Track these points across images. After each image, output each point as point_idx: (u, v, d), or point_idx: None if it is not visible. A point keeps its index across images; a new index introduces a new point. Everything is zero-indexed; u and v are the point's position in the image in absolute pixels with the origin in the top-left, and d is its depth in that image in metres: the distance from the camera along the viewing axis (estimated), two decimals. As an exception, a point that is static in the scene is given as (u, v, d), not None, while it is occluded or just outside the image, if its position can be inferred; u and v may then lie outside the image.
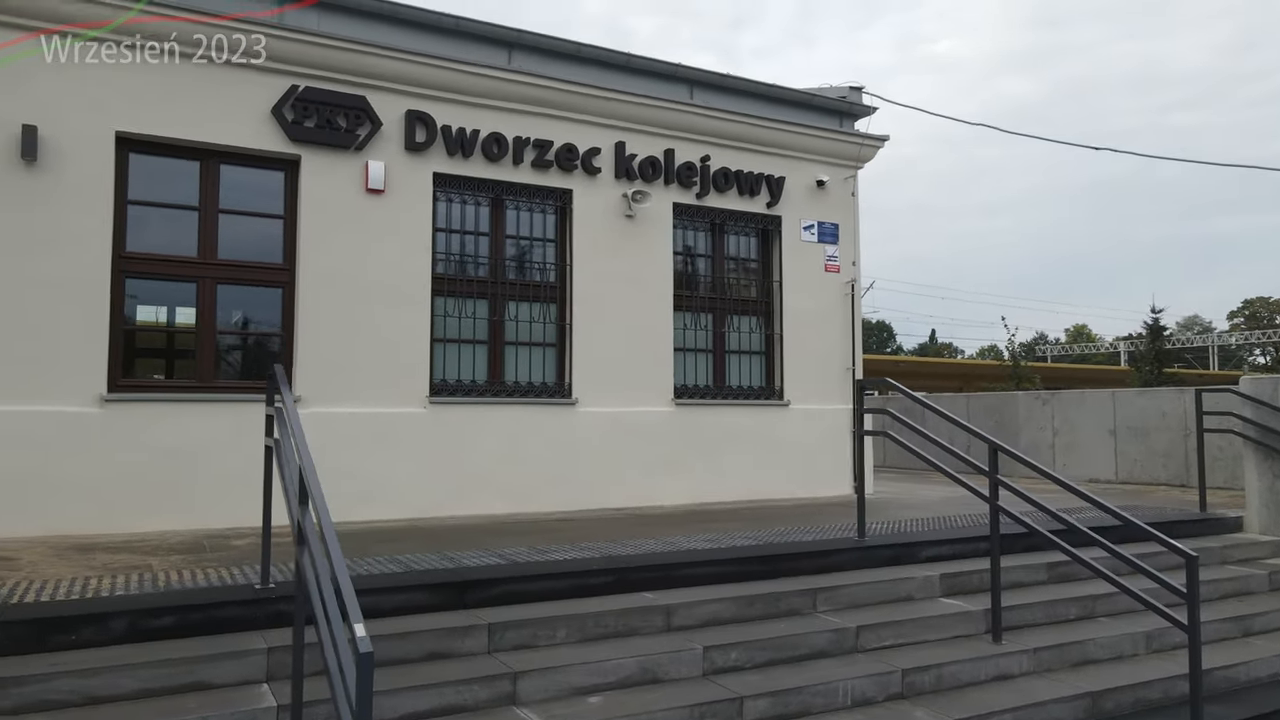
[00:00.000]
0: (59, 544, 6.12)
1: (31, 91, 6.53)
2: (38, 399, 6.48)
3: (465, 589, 4.99)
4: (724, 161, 9.46)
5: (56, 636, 4.10)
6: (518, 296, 8.52)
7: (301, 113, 7.41)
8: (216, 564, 5.48)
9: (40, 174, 6.55)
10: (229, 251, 7.33)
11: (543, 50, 8.64)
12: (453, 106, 8.07)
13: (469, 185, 8.24)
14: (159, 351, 7.47)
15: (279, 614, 4.46)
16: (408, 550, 5.98)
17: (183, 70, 7.04)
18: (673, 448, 8.91)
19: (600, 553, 5.95)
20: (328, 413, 7.29)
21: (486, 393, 8.23)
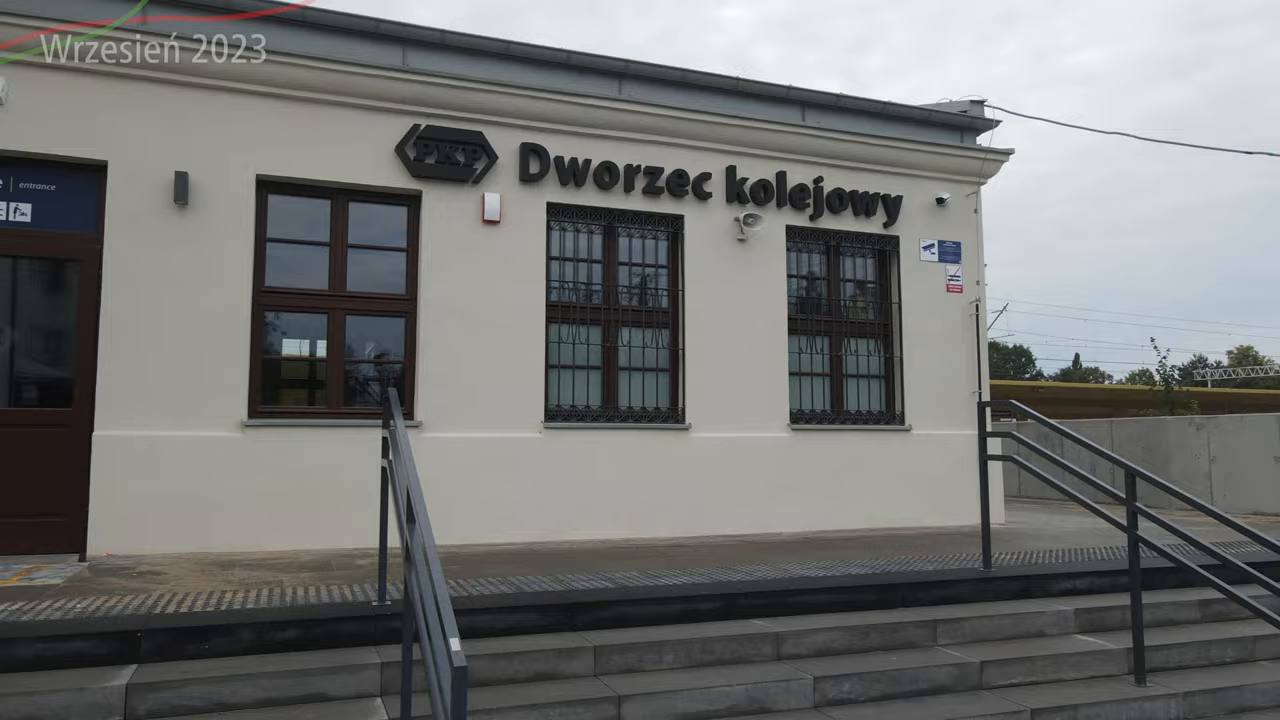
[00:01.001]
0: (203, 560, 6.53)
1: (183, 141, 7.10)
2: (188, 424, 6.96)
3: (574, 611, 5.00)
4: (838, 182, 9.29)
5: (191, 645, 4.35)
6: (630, 322, 8.58)
7: (423, 150, 7.76)
8: (340, 581, 5.71)
9: (191, 216, 7.09)
10: (356, 284, 7.71)
11: (652, 79, 8.75)
12: (565, 138, 8.26)
13: (581, 214, 8.40)
14: (293, 379, 7.90)
15: (392, 630, 4.59)
16: (521, 573, 6.07)
17: (315, 114, 7.50)
18: (789, 474, 8.73)
19: (710, 578, 5.86)
20: (447, 438, 7.52)
21: (600, 418, 8.31)
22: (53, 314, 7.18)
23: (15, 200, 6.84)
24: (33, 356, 7.09)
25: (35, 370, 7.07)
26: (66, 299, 7.05)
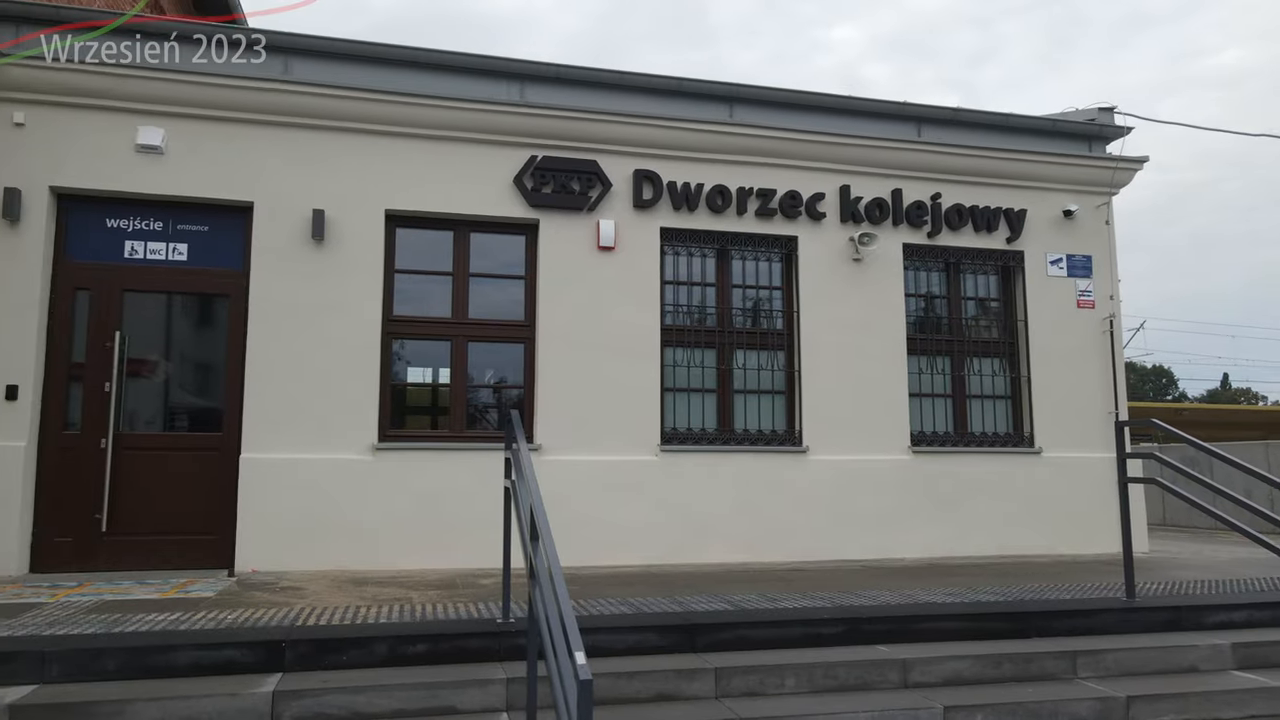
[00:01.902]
0: (338, 577, 6.84)
1: (320, 180, 7.55)
2: (324, 447, 7.34)
3: (694, 632, 5.00)
4: (957, 198, 9.05)
5: (330, 656, 4.56)
6: (745, 345, 8.56)
7: (539, 180, 8.00)
8: (466, 599, 5.88)
9: (326, 250, 7.52)
10: (478, 311, 7.99)
11: (763, 101, 8.77)
12: (678, 163, 8.36)
13: (694, 238, 8.47)
14: (419, 404, 8.21)
15: (517, 647, 4.69)
16: (639, 594, 6.10)
17: (438, 150, 7.85)
18: (910, 498, 8.48)
19: (832, 602, 5.75)
20: (565, 460, 7.67)
21: (716, 441, 8.30)
22: (203, 346, 7.72)
23: (174, 241, 7.42)
24: (184, 388, 7.64)
25: (189, 398, 7.61)
26: (216, 332, 7.58)
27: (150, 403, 7.41)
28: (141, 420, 7.33)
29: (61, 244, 7.22)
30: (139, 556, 7.04)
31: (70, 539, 6.97)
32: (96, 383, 7.12)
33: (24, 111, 7.07)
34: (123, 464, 7.10)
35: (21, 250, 6.97)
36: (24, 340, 6.91)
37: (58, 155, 7.11)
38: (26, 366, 6.89)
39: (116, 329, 7.20)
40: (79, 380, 7.14)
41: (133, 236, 7.37)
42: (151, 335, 7.46)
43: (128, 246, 7.35)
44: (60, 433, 7.06)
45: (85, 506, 6.99)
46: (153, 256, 7.39)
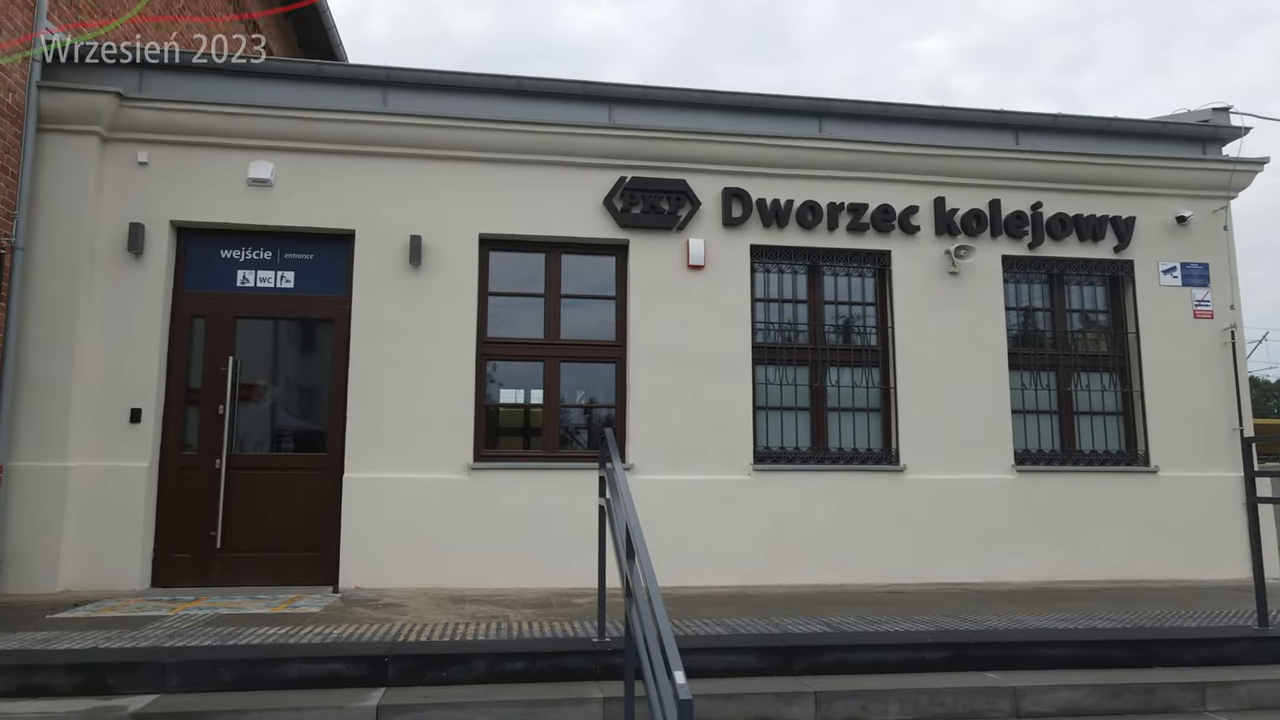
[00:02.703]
0: (437, 594, 6.97)
1: (417, 207, 7.79)
2: (422, 467, 7.52)
3: (792, 655, 4.90)
4: (1059, 207, 8.72)
5: (431, 672, 4.64)
6: (838, 362, 8.41)
7: (629, 200, 8.06)
8: (561, 618, 5.90)
9: (423, 275, 7.74)
10: (569, 332, 8.08)
11: (853, 115, 8.65)
12: (767, 180, 8.31)
13: (785, 254, 8.38)
14: (512, 424, 8.33)
15: (613, 666, 4.69)
16: (734, 615, 6.03)
17: (529, 175, 8.00)
18: (1015, 518, 8.15)
19: (935, 626, 5.55)
20: (657, 480, 7.65)
21: (810, 460, 8.16)
22: (308, 370, 8.03)
23: (281, 269, 7.76)
24: (289, 410, 7.94)
25: (295, 420, 7.91)
26: (320, 356, 7.87)
27: (259, 425, 7.73)
28: (251, 442, 7.65)
29: (180, 274, 7.63)
30: (250, 572, 7.33)
31: (188, 555, 7.31)
32: (211, 406, 7.48)
33: (147, 151, 7.52)
34: (235, 484, 7.42)
35: (145, 281, 7.40)
36: (147, 366, 7.31)
37: (177, 191, 7.53)
38: (149, 391, 7.28)
39: (229, 354, 7.55)
40: (195, 404, 7.50)
41: (244, 266, 7.73)
42: (260, 360, 7.80)
43: (239, 275, 7.72)
44: (179, 454, 7.42)
45: (201, 524, 7.33)
46: (262, 284, 7.74)
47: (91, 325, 7.24)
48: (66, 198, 7.27)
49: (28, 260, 7.09)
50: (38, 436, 6.98)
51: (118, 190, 7.45)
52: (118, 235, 7.38)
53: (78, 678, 4.41)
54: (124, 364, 7.26)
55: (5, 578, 6.74)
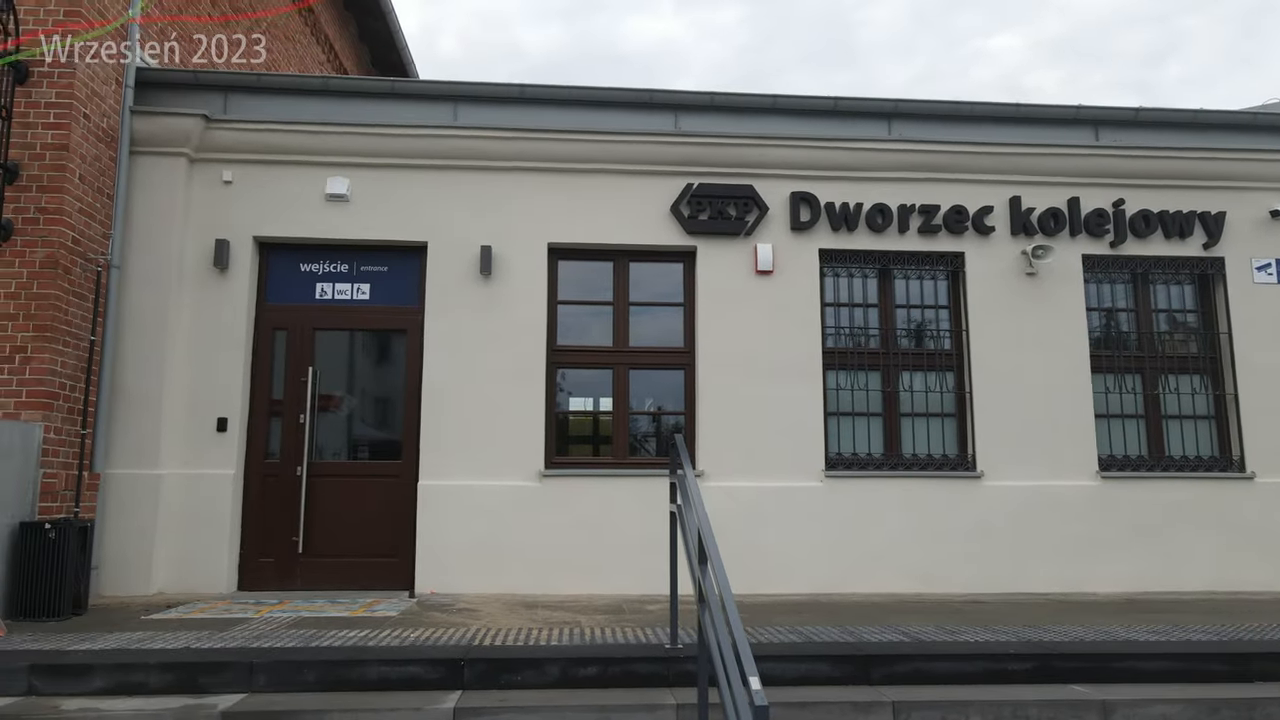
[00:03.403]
0: (510, 600, 7.05)
1: (487, 218, 7.92)
2: (494, 475, 7.62)
3: (868, 664, 4.81)
4: (1142, 203, 8.42)
5: (505, 676, 4.69)
6: (911, 366, 8.25)
7: (696, 207, 8.06)
8: (632, 624, 5.91)
9: (493, 284, 7.86)
10: (638, 339, 8.11)
11: (923, 115, 8.50)
12: (835, 183, 8.22)
13: (854, 258, 8.27)
14: (581, 431, 8.38)
15: (686, 673, 4.67)
16: (807, 622, 5.95)
17: (596, 183, 8.07)
18: (1100, 526, 7.86)
19: (1017, 636, 5.39)
20: (728, 486, 7.61)
21: (883, 466, 8.01)
22: (382, 379, 8.21)
23: (357, 281, 7.98)
24: (365, 419, 8.14)
25: (371, 428, 8.11)
26: (394, 365, 8.05)
27: (337, 433, 7.94)
28: (330, 450, 7.86)
29: (263, 288, 7.90)
30: (331, 576, 7.53)
31: (272, 560, 7.54)
32: (293, 415, 7.71)
33: (231, 170, 7.82)
34: (315, 491, 7.63)
35: (230, 295, 7.68)
36: (232, 377, 7.58)
37: (259, 208, 7.81)
38: (234, 401, 7.55)
39: (309, 365, 7.78)
40: (278, 414, 7.75)
41: (322, 279, 7.97)
42: (337, 370, 8.02)
43: (318, 288, 7.95)
44: (262, 462, 7.67)
45: (284, 530, 7.55)
46: (339, 297, 7.96)
47: (180, 339, 7.55)
48: (157, 217, 7.60)
49: (122, 277, 7.43)
50: (132, 446, 7.30)
51: (204, 208, 7.76)
52: (204, 251, 7.68)
53: (171, 676, 4.58)
54: (211, 375, 7.54)
55: (102, 580, 7.05)
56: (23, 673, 4.55)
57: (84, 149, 7.10)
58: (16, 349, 6.65)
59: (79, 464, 6.92)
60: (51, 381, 6.71)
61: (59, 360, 6.80)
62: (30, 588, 6.10)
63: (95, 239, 7.25)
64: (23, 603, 6.08)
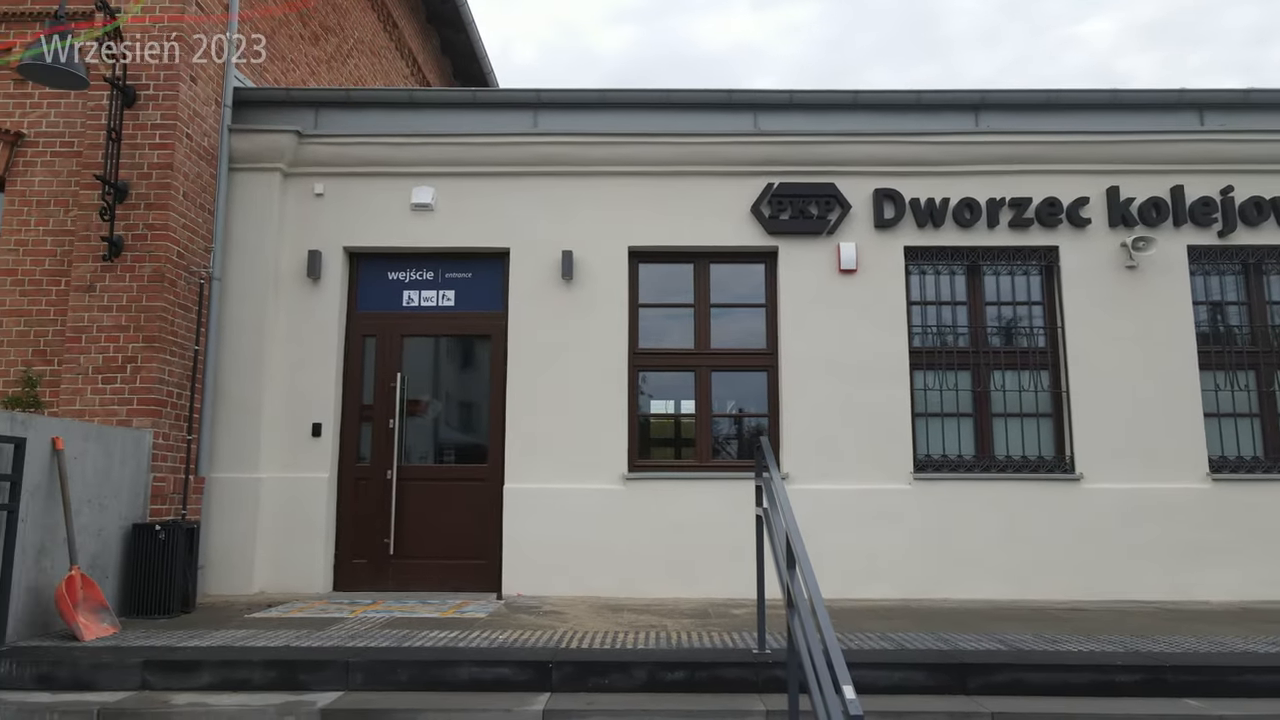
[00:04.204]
0: (595, 603, 7.08)
1: (567, 223, 7.99)
2: (578, 478, 7.67)
3: (965, 673, 4.66)
4: (1253, 190, 7.96)
5: (593, 678, 4.71)
6: (1003, 365, 7.98)
7: (777, 207, 7.97)
8: (718, 629, 5.86)
9: (575, 289, 7.92)
10: (719, 341, 8.05)
11: (1012, 105, 8.21)
12: (920, 179, 8.02)
13: (941, 255, 8.05)
14: (663, 434, 8.37)
15: (775, 679, 4.60)
16: (899, 629, 5.80)
17: (676, 186, 8.05)
18: (1212, 531, 7.46)
19: (1124, 647, 5.15)
20: (814, 490, 7.49)
21: (975, 468, 7.77)
22: (467, 384, 8.36)
23: (442, 288, 8.14)
24: (451, 424, 8.29)
25: (457, 432, 8.25)
26: (479, 370, 8.19)
27: (425, 438, 8.12)
28: (417, 454, 8.04)
29: (353, 297, 8.13)
30: (421, 578, 7.69)
31: (365, 561, 7.75)
32: (382, 420, 7.92)
33: (323, 183, 8.08)
34: (405, 494, 7.81)
35: (322, 304, 7.93)
36: (325, 383, 7.82)
37: (349, 219, 8.04)
38: (327, 406, 7.79)
39: (398, 371, 7.97)
40: (368, 419, 7.96)
41: (409, 286, 8.16)
42: (424, 376, 8.20)
43: (405, 296, 8.15)
44: (354, 465, 7.89)
45: (375, 532, 7.75)
46: (425, 304, 8.14)
47: (276, 347, 7.83)
48: (254, 230, 7.91)
49: (223, 289, 7.75)
50: (233, 450, 7.60)
51: (297, 221, 8.04)
52: (298, 262, 7.95)
53: (273, 673, 4.74)
54: (305, 382, 7.80)
55: (208, 580, 7.35)
56: (137, 668, 4.77)
57: (187, 167, 7.43)
58: (128, 359, 7.00)
59: (185, 468, 7.24)
60: (160, 389, 7.03)
61: (166, 369, 7.12)
62: (142, 587, 6.40)
63: (198, 253, 7.58)
64: (136, 601, 6.39)
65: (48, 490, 5.62)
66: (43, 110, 7.47)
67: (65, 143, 7.42)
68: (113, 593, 6.27)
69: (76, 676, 4.76)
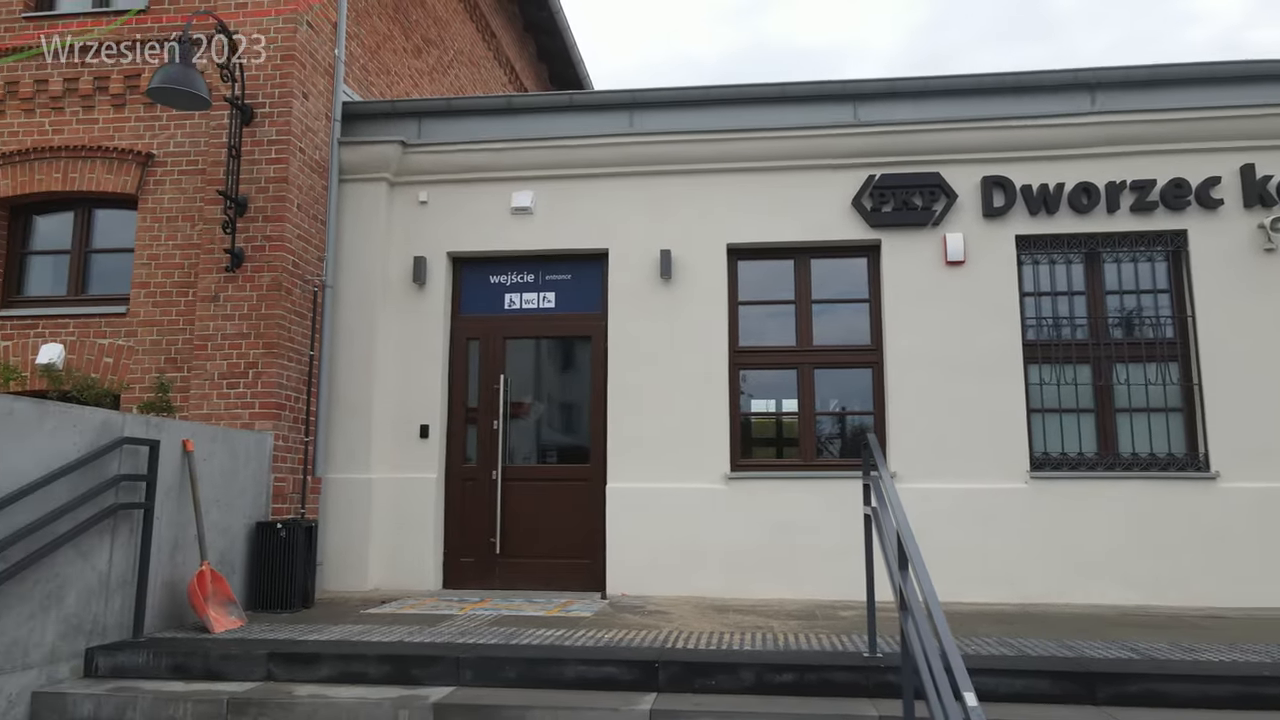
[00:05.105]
0: (699, 603, 7.04)
1: (665, 222, 7.97)
2: (681, 477, 7.63)
3: (1094, 682, 4.42)
4: None
5: (699, 679, 4.66)
6: (1127, 357, 7.55)
7: (879, 199, 7.76)
8: (827, 630, 5.73)
9: (674, 288, 7.89)
10: (822, 338, 7.89)
11: (1133, 83, 7.77)
12: (1031, 164, 7.67)
13: (1056, 243, 7.68)
14: (765, 433, 8.25)
15: (887, 684, 4.46)
16: (1018, 634, 5.55)
17: (774, 181, 7.93)
18: (1368, 534, 6.87)
19: (1270, 657, 4.78)
20: (923, 489, 7.25)
21: (1097, 466, 7.38)
22: (568, 384, 8.44)
23: (543, 290, 8.25)
24: (552, 424, 8.38)
25: (558, 433, 8.34)
26: (579, 371, 8.25)
27: (527, 438, 8.23)
28: (521, 455, 8.16)
29: (457, 301, 8.32)
30: (526, 577, 7.80)
31: (472, 559, 7.91)
32: (487, 421, 8.07)
33: (426, 190, 8.30)
34: (510, 494, 7.94)
35: (428, 309, 8.14)
36: (432, 386, 8.03)
37: (452, 224, 8.24)
38: (434, 408, 7.99)
39: (501, 373, 8.11)
40: (473, 420, 8.13)
41: (510, 289, 8.30)
42: (526, 377, 8.31)
43: (507, 299, 8.29)
44: (461, 466, 8.07)
45: (482, 531, 7.90)
46: (526, 306, 8.26)
47: (385, 351, 8.07)
48: (363, 238, 8.18)
49: (335, 296, 8.05)
50: (347, 452, 7.88)
51: (403, 228, 8.28)
52: (404, 268, 8.19)
53: (387, 668, 4.87)
54: (413, 384, 8.02)
55: (326, 576, 7.64)
56: (262, 660, 4.98)
57: (300, 180, 7.75)
58: (249, 365, 7.34)
59: (303, 469, 7.55)
60: (279, 393, 7.35)
61: (284, 374, 7.44)
62: (266, 582, 6.70)
63: (311, 262, 7.89)
64: (259, 596, 6.69)
65: (179, 490, 5.94)
66: (170, 131, 7.91)
67: (190, 161, 7.84)
68: (238, 588, 6.57)
69: (207, 667, 5.00)
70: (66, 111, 8.02)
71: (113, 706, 4.64)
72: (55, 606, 4.90)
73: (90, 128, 7.98)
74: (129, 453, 5.47)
